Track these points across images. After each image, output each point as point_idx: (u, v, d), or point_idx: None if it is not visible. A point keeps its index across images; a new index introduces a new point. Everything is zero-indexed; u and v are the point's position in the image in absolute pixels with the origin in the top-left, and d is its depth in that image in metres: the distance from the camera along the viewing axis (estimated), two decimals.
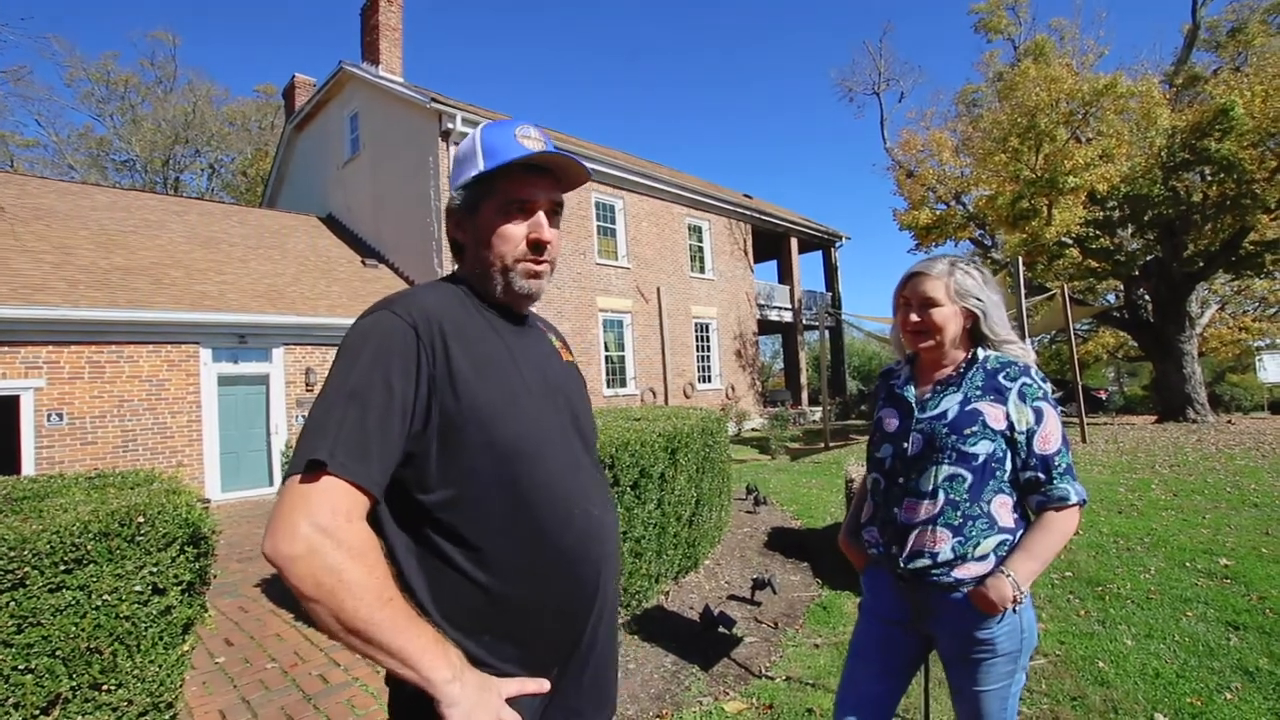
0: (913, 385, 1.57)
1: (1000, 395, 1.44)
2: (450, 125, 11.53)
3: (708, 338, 17.08)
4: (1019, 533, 1.42)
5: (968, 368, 1.50)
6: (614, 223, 14.86)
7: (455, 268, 1.15)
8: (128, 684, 2.12)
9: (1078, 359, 11.26)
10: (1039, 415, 1.41)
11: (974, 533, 1.41)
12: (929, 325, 1.51)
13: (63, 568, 1.98)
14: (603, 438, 3.50)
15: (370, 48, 14.05)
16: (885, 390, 1.65)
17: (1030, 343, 10.96)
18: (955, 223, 14.86)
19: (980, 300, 1.50)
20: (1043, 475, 1.40)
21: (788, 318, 20.13)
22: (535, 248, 1.04)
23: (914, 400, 1.54)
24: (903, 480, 1.49)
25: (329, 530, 0.79)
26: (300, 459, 0.83)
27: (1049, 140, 11.89)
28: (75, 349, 7.89)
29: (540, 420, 1.00)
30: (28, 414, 7.54)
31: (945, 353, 1.53)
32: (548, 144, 1.05)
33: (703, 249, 17.34)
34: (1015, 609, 1.38)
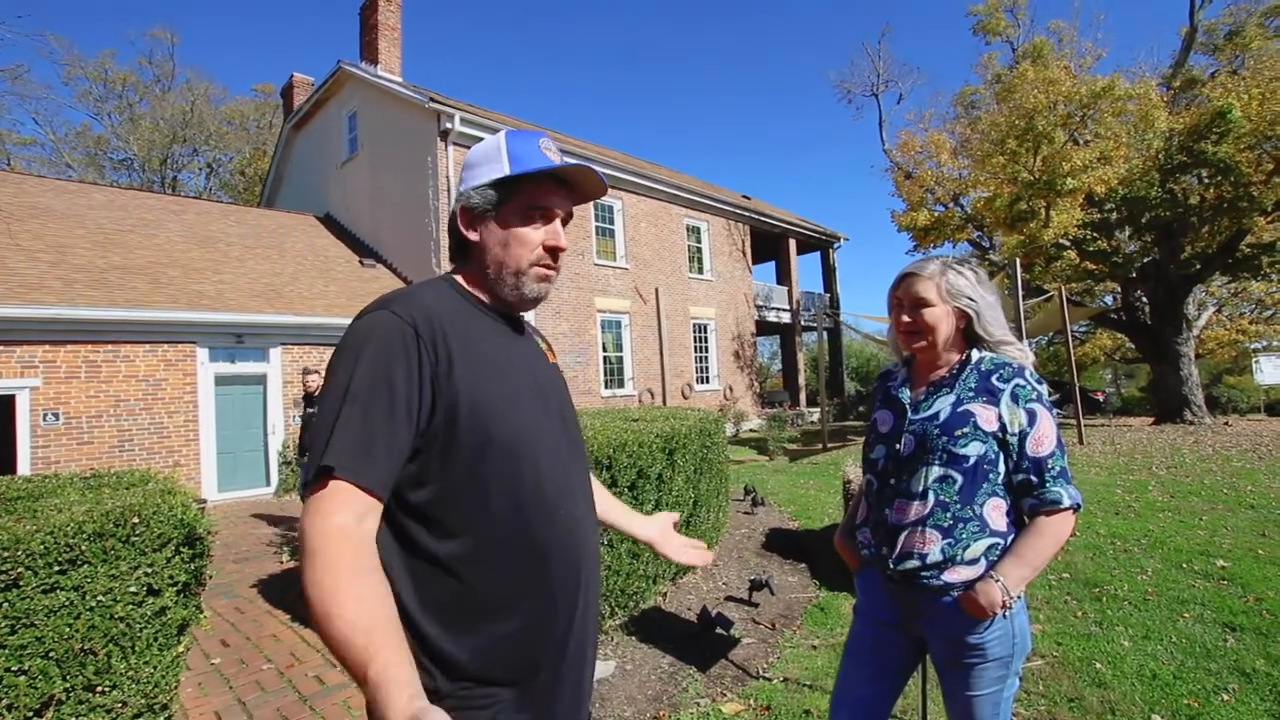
0: (908, 387, 1.57)
1: (993, 396, 1.43)
2: (449, 125, 11.52)
3: (706, 338, 17.09)
4: (1012, 537, 1.42)
5: (961, 369, 1.49)
6: (612, 223, 14.86)
7: (450, 267, 1.16)
8: (122, 685, 2.12)
9: (1075, 361, 11.28)
10: (1032, 417, 1.40)
11: (964, 535, 1.40)
12: (921, 325, 1.50)
13: (57, 568, 1.98)
14: (600, 438, 3.50)
15: (369, 47, 14.03)
16: (882, 392, 1.65)
17: (1028, 344, 10.96)
18: (953, 224, 14.90)
19: (973, 300, 1.49)
20: (1035, 478, 1.39)
21: (786, 319, 20.14)
22: (552, 255, 1.08)
23: (908, 402, 1.54)
24: (894, 481, 1.49)
25: (307, 535, 0.81)
26: (311, 466, 0.86)
27: (1047, 142, 11.91)
28: (71, 348, 7.87)
29: (533, 421, 1.02)
30: (23, 413, 7.52)
31: (939, 354, 1.53)
32: (564, 160, 1.09)
33: (701, 250, 17.35)
34: (1006, 614, 1.37)
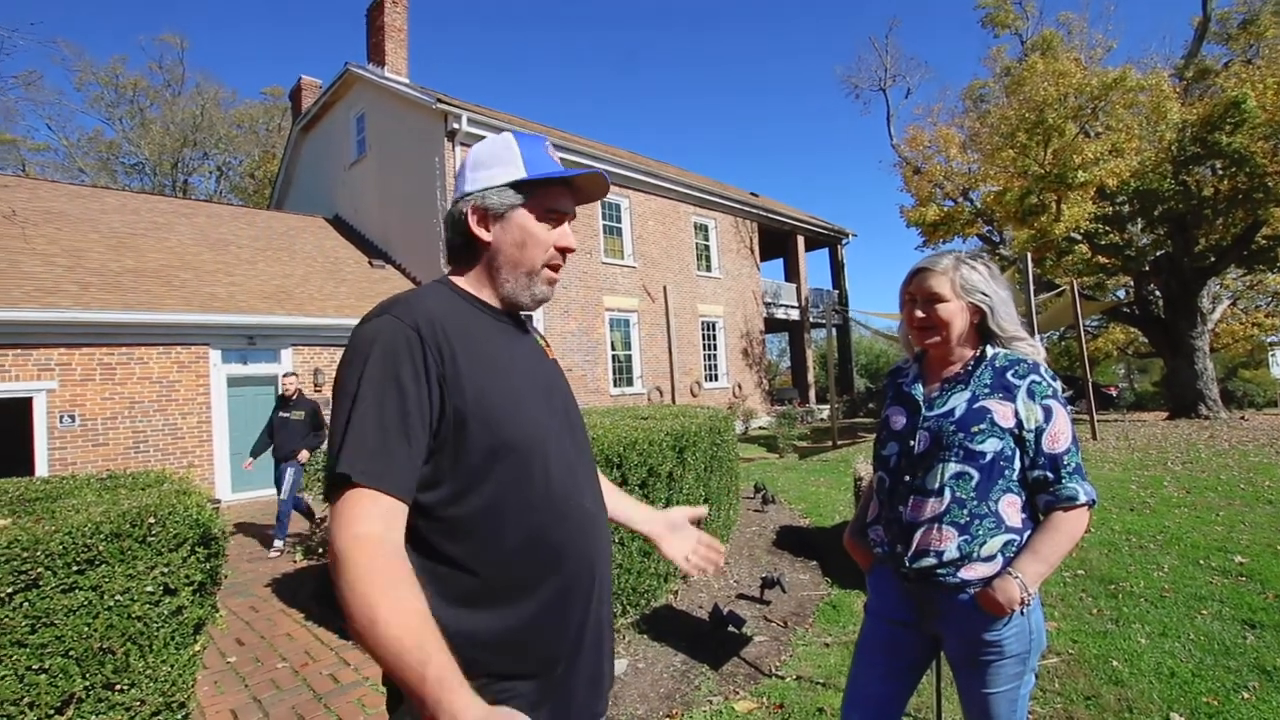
0: (920, 383, 1.55)
1: (1009, 393, 1.42)
2: (456, 125, 11.55)
3: (714, 336, 17.06)
4: (1027, 533, 1.41)
5: (976, 365, 1.48)
6: (620, 222, 14.86)
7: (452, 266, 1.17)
8: (140, 684, 2.14)
9: (1088, 355, 11.17)
10: (1048, 413, 1.39)
11: (980, 531, 1.39)
12: (934, 321, 1.49)
13: (75, 568, 2.00)
14: (610, 436, 3.50)
15: (376, 49, 14.09)
16: (893, 389, 1.64)
17: (1040, 339, 10.87)
18: (963, 219, 14.80)
19: (986, 295, 1.48)
20: (1051, 474, 1.38)
21: (794, 315, 20.07)
22: (562, 255, 1.11)
23: (921, 398, 1.52)
24: (909, 478, 1.48)
25: (338, 545, 0.82)
26: (330, 476, 0.87)
27: (1057, 135, 11.80)
28: (86, 351, 7.97)
29: (540, 418, 1.02)
30: (40, 416, 7.62)
31: (952, 350, 1.51)
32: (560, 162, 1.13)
33: (709, 247, 17.32)
34: (1023, 611, 1.36)
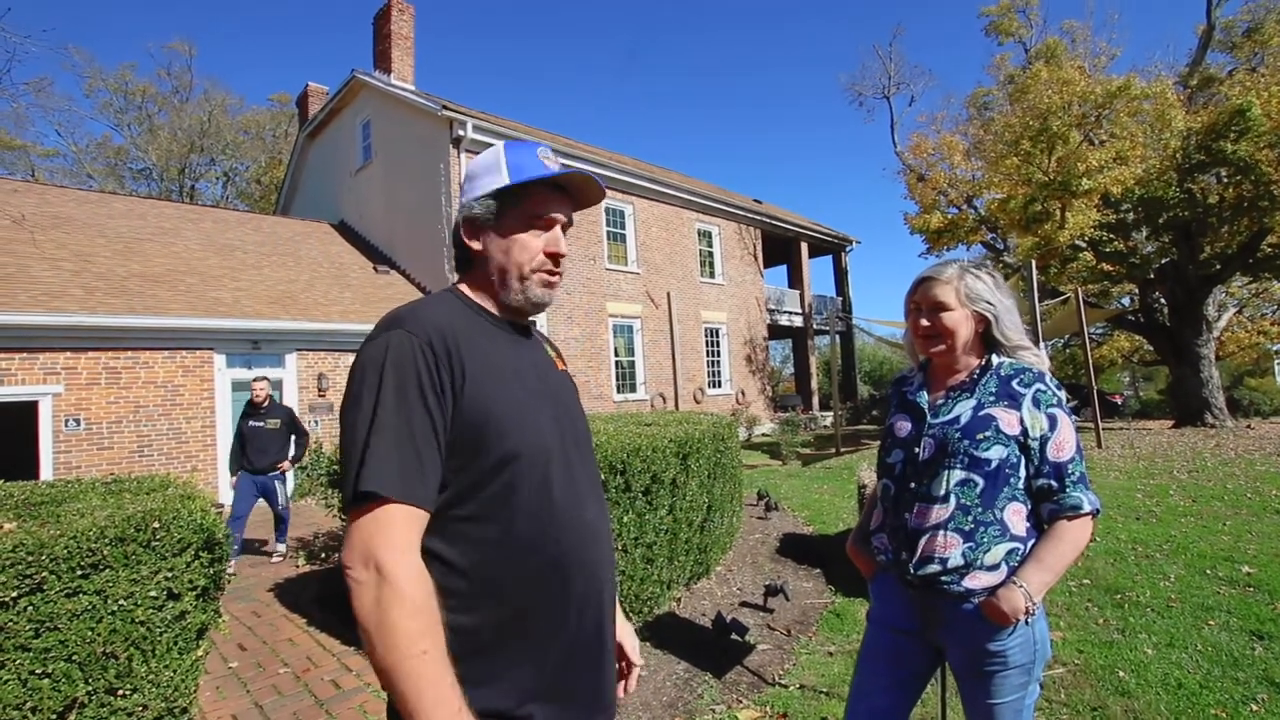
0: (925, 391, 1.56)
1: (1014, 401, 1.42)
2: (461, 132, 11.60)
3: (718, 343, 17.05)
4: (1031, 542, 1.40)
5: (981, 373, 1.48)
6: (624, 228, 14.89)
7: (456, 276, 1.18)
8: (143, 689, 2.14)
9: (1092, 363, 11.13)
10: (1053, 422, 1.39)
11: (985, 539, 1.39)
12: (939, 330, 1.49)
13: (80, 573, 2.00)
14: (614, 443, 3.50)
15: (382, 56, 14.17)
16: (898, 397, 1.64)
17: (1044, 347, 10.84)
18: (967, 226, 14.78)
19: (991, 304, 1.48)
20: (1055, 483, 1.38)
21: (798, 322, 20.05)
22: (554, 261, 1.10)
23: (927, 406, 1.52)
24: (914, 485, 1.48)
25: (383, 565, 0.83)
26: (351, 490, 0.87)
27: (1062, 143, 11.78)
28: (92, 355, 8.00)
29: (545, 429, 1.02)
30: (46, 419, 7.65)
31: (957, 358, 1.51)
32: (562, 167, 1.11)
33: (713, 254, 17.33)
34: (1028, 620, 1.35)
